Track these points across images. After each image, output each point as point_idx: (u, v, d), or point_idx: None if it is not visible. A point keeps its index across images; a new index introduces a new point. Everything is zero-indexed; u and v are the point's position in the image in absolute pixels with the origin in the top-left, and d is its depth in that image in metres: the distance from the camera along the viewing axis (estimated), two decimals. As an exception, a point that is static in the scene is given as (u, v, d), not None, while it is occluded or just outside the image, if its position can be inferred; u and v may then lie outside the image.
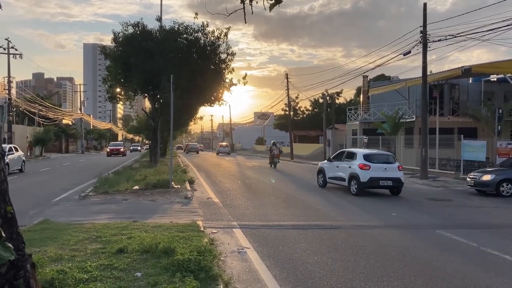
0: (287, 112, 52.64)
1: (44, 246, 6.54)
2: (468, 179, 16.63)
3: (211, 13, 4.84)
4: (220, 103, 24.57)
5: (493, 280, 6.06)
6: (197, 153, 64.42)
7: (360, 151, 16.72)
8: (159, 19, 23.86)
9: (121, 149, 53.13)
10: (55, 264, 5.55)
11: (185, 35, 22.45)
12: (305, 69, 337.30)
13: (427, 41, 21.29)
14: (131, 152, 70.04)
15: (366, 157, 15.67)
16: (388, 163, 15.71)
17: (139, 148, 79.47)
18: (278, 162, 30.48)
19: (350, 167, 15.80)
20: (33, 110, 51.53)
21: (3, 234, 2.79)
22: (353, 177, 15.47)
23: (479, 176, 15.91)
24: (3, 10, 3.58)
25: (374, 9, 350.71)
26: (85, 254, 6.16)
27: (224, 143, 68.19)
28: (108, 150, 54.57)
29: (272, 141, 32.92)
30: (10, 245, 2.80)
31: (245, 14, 3.85)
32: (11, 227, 3.19)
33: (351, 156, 16.33)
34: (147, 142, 70.07)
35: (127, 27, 22.54)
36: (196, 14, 21.51)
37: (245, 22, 3.95)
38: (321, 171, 18.17)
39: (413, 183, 19.97)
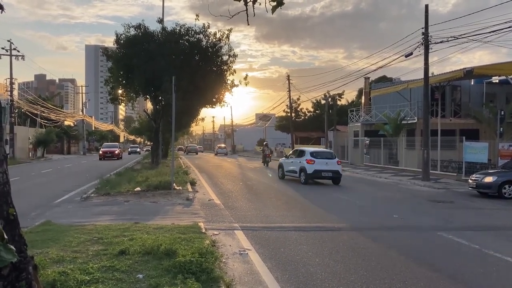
0: (289, 114, 52.66)
1: (46, 248, 6.55)
2: (470, 181, 16.58)
3: (214, 15, 4.84)
4: (222, 104, 24.58)
5: (494, 282, 6.05)
6: (196, 153, 69.05)
7: (308, 149, 20.54)
8: (161, 21, 23.85)
9: (116, 151, 46.25)
10: (57, 266, 5.56)
11: (186, 37, 22.46)
12: (306, 71, 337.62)
13: (429, 42, 21.28)
14: (129, 154, 63.53)
15: (312, 154, 19.33)
16: (329, 159, 19.33)
17: (138, 149, 72.35)
18: (270, 161, 34.19)
19: (300, 162, 19.46)
20: (35, 112, 51.47)
21: (5, 236, 2.79)
22: (302, 170, 19.19)
23: (481, 178, 15.86)
24: (5, 12, 3.58)
25: (375, 11, 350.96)
26: (87, 256, 6.17)
27: (222, 145, 72.80)
28: (100, 152, 47.00)
29: (264, 142, 37.90)
30: (12, 247, 2.80)
31: (247, 16, 3.84)
32: (13, 229, 3.19)
33: (302, 153, 19.95)
34: (148, 143, 69.68)
35: (129, 29, 22.58)
36: (197, 15, 21.51)
37: (248, 24, 3.94)
38: (280, 166, 21.97)
39: (415, 185, 19.94)
